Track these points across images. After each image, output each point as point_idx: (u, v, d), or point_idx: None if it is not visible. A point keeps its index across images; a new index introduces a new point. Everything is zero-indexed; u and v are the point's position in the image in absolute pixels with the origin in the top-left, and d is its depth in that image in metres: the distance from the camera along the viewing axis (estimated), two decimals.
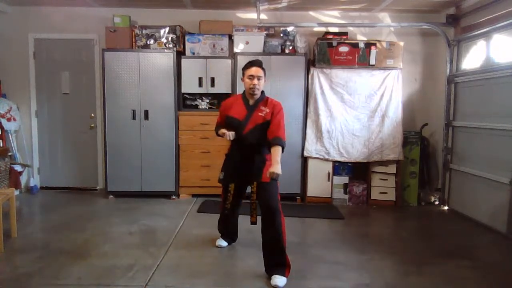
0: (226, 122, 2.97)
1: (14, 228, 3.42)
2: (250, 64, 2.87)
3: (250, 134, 2.86)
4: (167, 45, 4.78)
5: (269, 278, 2.63)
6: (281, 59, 4.74)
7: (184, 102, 4.89)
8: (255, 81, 2.81)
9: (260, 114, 2.85)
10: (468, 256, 3.24)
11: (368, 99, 4.75)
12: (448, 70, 4.79)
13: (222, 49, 4.84)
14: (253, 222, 2.90)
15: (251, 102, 2.89)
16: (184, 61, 4.76)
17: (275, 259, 2.68)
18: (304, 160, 4.83)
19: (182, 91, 4.83)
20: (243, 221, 3.19)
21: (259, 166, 2.81)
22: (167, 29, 4.76)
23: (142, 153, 4.77)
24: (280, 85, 4.69)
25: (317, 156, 4.78)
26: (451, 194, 4.78)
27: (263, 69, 2.88)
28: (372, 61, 4.67)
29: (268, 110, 2.84)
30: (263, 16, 4.97)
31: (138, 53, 4.67)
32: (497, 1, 4.02)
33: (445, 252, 3.32)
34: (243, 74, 2.90)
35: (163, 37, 4.76)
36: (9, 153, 4.86)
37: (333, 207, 4.69)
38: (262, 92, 2.93)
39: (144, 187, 4.80)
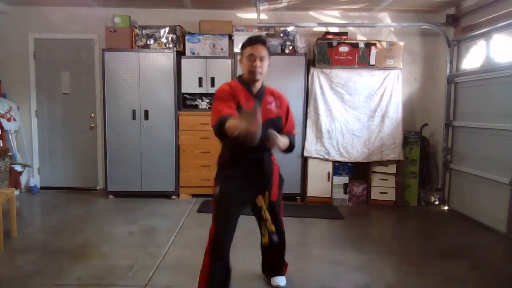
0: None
1: (14, 228, 3.42)
2: (250, 41, 2.23)
3: (260, 132, 2.07)
4: (167, 45, 4.78)
5: (268, 279, 2.64)
6: (281, 59, 4.74)
7: (184, 102, 4.89)
8: (257, 63, 2.17)
9: (269, 107, 2.26)
10: (468, 256, 3.24)
11: (368, 99, 4.75)
12: (448, 70, 4.79)
13: (222, 49, 4.84)
14: (266, 244, 2.35)
15: (254, 90, 2.26)
16: (184, 61, 4.76)
17: (277, 262, 2.64)
18: (304, 160, 4.82)
19: (182, 91, 4.83)
20: (243, 222, 3.18)
21: (268, 175, 2.30)
22: (167, 29, 4.76)
23: (142, 153, 4.77)
24: (280, 85, 4.56)
25: (317, 156, 4.78)
26: (451, 194, 4.78)
27: (267, 47, 2.23)
28: (372, 61, 4.67)
29: (279, 103, 2.32)
30: (263, 16, 4.96)
31: (138, 53, 4.67)
32: (497, 1, 4.02)
33: (445, 252, 3.32)
34: (242, 54, 2.26)
35: (163, 37, 4.77)
36: (9, 153, 4.86)
37: (333, 207, 4.69)
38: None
39: (144, 187, 4.80)
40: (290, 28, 4.86)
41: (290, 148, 2.31)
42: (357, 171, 4.90)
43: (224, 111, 2.05)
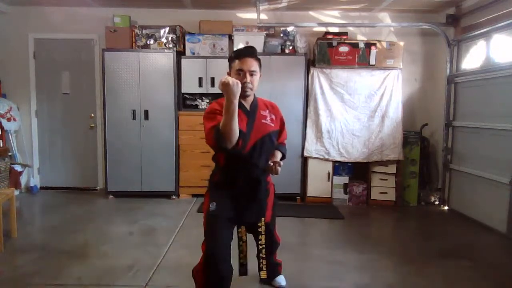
0: None
1: (14, 228, 3.42)
2: (238, 54, 2.05)
3: (256, 150, 2.07)
4: (167, 45, 4.78)
5: (269, 283, 2.64)
6: (281, 59, 4.74)
7: (184, 102, 4.89)
8: (247, 78, 2.01)
9: (264, 121, 2.12)
10: (468, 256, 3.24)
11: (368, 99, 4.75)
12: (448, 70, 4.79)
13: (222, 49, 4.84)
14: (266, 279, 2.35)
15: (246, 105, 2.11)
16: (184, 61, 4.76)
17: (273, 268, 2.62)
18: (304, 160, 4.82)
19: (182, 91, 4.83)
20: None
21: (263, 197, 2.20)
22: (167, 29, 4.76)
23: (142, 153, 4.77)
24: (280, 85, 4.69)
25: (317, 156, 4.78)
26: (451, 194, 4.78)
27: (257, 59, 2.06)
28: (372, 61, 4.67)
29: (274, 117, 2.19)
30: (263, 16, 4.96)
31: (138, 53, 4.67)
32: (497, 1, 4.02)
33: (445, 252, 3.32)
34: (230, 68, 2.08)
35: (163, 37, 4.77)
36: (9, 153, 4.86)
37: (333, 207, 4.69)
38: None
39: (144, 187, 4.80)
40: (290, 28, 4.86)
41: (282, 158, 2.27)
42: (357, 171, 4.90)
43: (216, 123, 1.92)
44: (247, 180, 2.10)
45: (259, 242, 2.22)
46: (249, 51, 2.04)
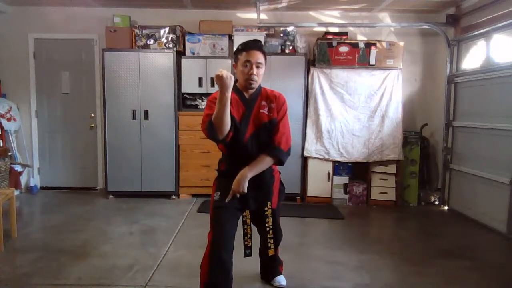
0: None
1: (14, 228, 3.42)
2: (245, 46, 2.09)
3: (253, 140, 2.14)
4: (167, 45, 4.78)
5: (269, 282, 2.64)
6: (281, 59, 4.74)
7: (184, 102, 4.89)
8: (253, 70, 2.07)
9: (262, 111, 2.15)
10: (468, 256, 3.24)
11: (368, 99, 4.76)
12: (448, 70, 4.79)
13: (222, 49, 4.84)
14: (272, 254, 2.32)
15: (247, 95, 2.17)
16: (184, 61, 4.76)
17: (274, 266, 2.64)
18: (304, 160, 4.83)
19: (182, 91, 4.83)
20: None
21: (268, 184, 2.25)
22: (167, 29, 4.76)
23: (142, 153, 4.77)
24: (280, 85, 4.67)
25: (317, 156, 4.78)
26: (451, 194, 4.78)
27: (263, 53, 2.11)
28: (372, 61, 4.67)
29: (273, 106, 2.16)
30: (263, 16, 4.97)
31: (138, 53, 4.67)
32: (497, 1, 4.02)
33: (445, 252, 3.32)
34: (236, 60, 2.13)
35: (163, 37, 4.77)
36: (9, 153, 4.86)
37: (333, 207, 4.69)
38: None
39: (144, 187, 4.80)
40: (290, 28, 4.86)
41: (279, 163, 2.19)
42: (357, 171, 4.90)
43: (212, 111, 1.97)
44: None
45: (266, 225, 2.22)
46: (256, 44, 2.10)
